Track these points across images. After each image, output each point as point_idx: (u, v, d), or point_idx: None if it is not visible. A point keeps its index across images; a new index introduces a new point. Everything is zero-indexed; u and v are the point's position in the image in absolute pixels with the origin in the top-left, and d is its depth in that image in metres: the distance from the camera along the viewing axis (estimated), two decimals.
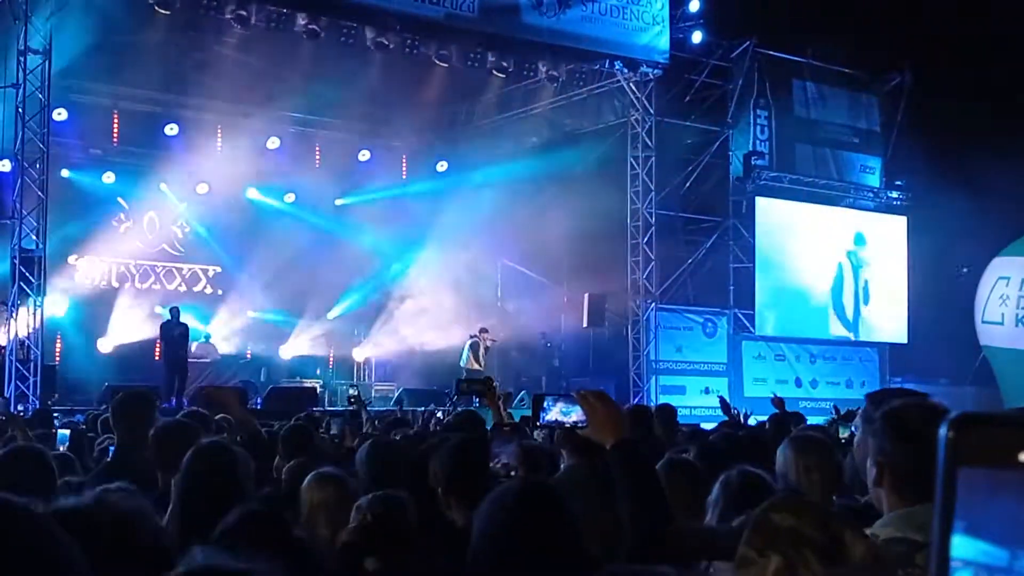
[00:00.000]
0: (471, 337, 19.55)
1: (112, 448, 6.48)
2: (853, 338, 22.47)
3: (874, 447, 2.60)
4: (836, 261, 22.43)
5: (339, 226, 22.71)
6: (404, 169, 23.88)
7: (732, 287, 21.26)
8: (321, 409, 15.68)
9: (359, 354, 22.94)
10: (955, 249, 20.19)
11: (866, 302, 22.68)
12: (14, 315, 14.96)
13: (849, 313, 22.42)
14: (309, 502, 4.08)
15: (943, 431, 0.81)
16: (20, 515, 1.20)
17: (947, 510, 0.80)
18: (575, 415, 3.44)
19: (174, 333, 17.67)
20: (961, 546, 0.79)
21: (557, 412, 3.58)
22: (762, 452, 5.40)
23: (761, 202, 21.35)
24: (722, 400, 10.16)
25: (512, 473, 4.31)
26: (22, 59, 15.01)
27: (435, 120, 23.13)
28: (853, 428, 3.75)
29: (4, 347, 15.28)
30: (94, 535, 1.85)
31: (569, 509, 2.68)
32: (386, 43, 17.57)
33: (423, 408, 16.98)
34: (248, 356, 21.62)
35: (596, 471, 2.90)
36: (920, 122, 21.59)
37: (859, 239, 22.76)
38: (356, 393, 10.47)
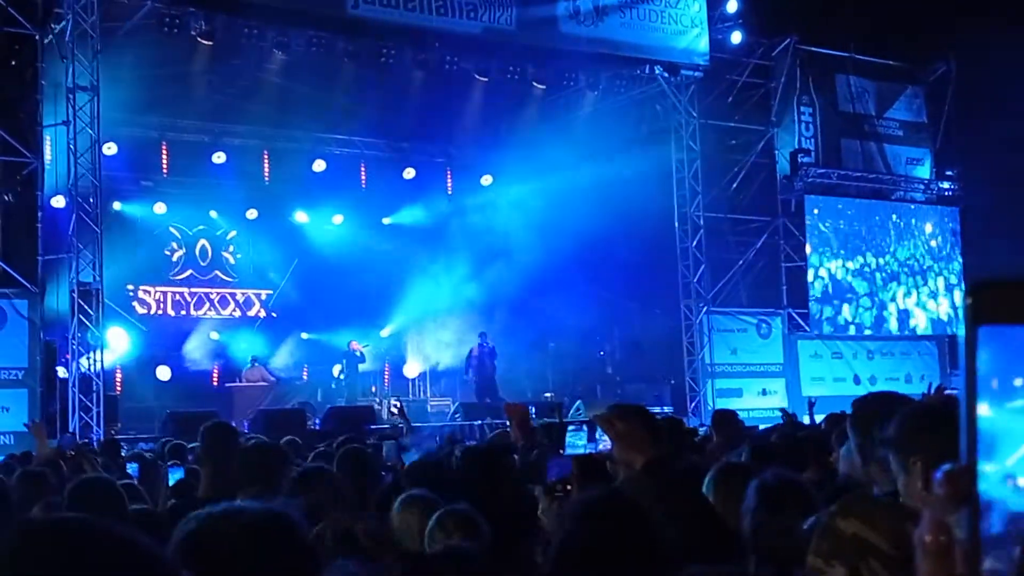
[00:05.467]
0: None
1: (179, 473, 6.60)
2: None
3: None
4: (889, 255, 22.23)
5: (388, 244, 22.84)
6: (449, 184, 23.97)
7: (784, 286, 21.10)
8: (379, 427, 15.77)
9: (412, 370, 23.03)
10: (1010, 237, 19.88)
11: (923, 295, 22.44)
12: (75, 348, 15.21)
13: (906, 306, 22.19)
14: (397, 523, 4.14)
15: (962, 298, 0.93)
16: (99, 535, 1.23)
17: (971, 367, 0.91)
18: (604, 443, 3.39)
19: None
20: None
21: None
22: (820, 451, 5.36)
23: (811, 200, 21.26)
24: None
25: (568, 487, 4.29)
26: (71, 97, 15.28)
27: (478, 134, 23.22)
28: None
29: (67, 380, 15.54)
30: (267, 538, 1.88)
31: (652, 518, 2.65)
32: (426, 61, 17.69)
33: (480, 422, 17.07)
34: (304, 377, 21.79)
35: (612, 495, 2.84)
36: (968, 111, 21.31)
37: (912, 232, 22.53)
38: (399, 405, 10.40)
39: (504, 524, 3.90)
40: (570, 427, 8.71)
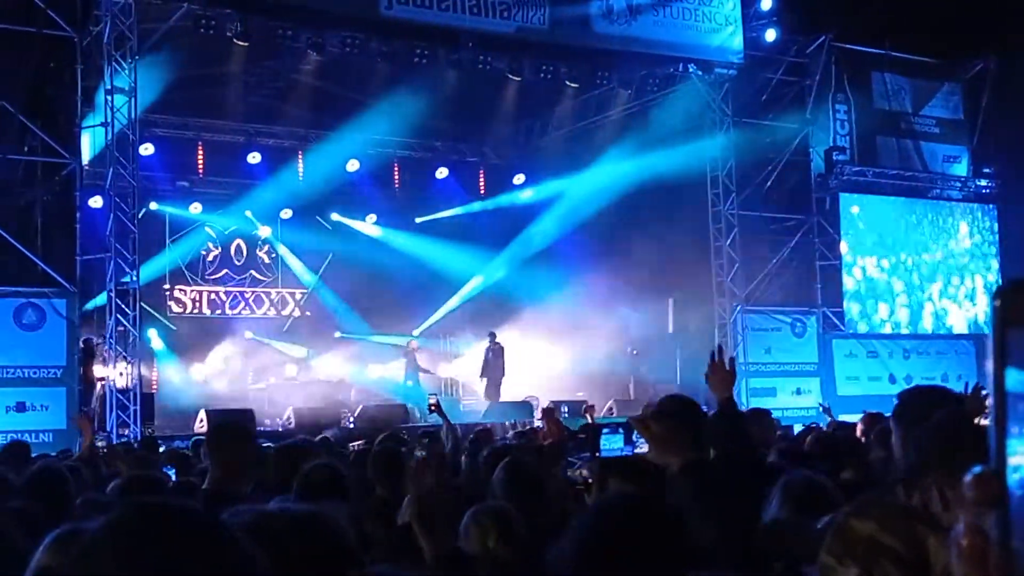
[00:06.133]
0: None
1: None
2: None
3: None
4: (926, 253, 22.07)
5: (421, 244, 22.92)
6: (482, 184, 24.01)
7: (819, 285, 20.97)
8: (412, 426, 15.83)
9: (445, 370, 23.08)
10: None
11: (959, 293, 22.25)
12: (112, 347, 15.36)
13: (943, 305, 22.02)
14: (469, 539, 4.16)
15: (991, 300, 0.93)
16: (204, 526, 1.24)
17: (1000, 371, 0.91)
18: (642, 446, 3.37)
19: None
20: (1011, 379, 0.91)
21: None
22: (856, 452, 5.33)
23: (846, 198, 21.15)
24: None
25: (589, 480, 4.30)
26: (109, 98, 15.42)
27: (511, 134, 23.26)
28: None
29: (104, 378, 15.70)
30: (283, 538, 1.89)
31: (676, 522, 2.64)
32: (459, 60, 17.73)
33: (512, 420, 17.09)
34: (338, 377, 21.90)
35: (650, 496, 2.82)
36: (1006, 107, 21.08)
37: (948, 230, 22.34)
38: (436, 401, 10.32)
39: (547, 522, 3.91)
40: (604, 430, 8.69)
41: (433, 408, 9.85)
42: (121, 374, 15.33)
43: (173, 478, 6.96)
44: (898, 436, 3.30)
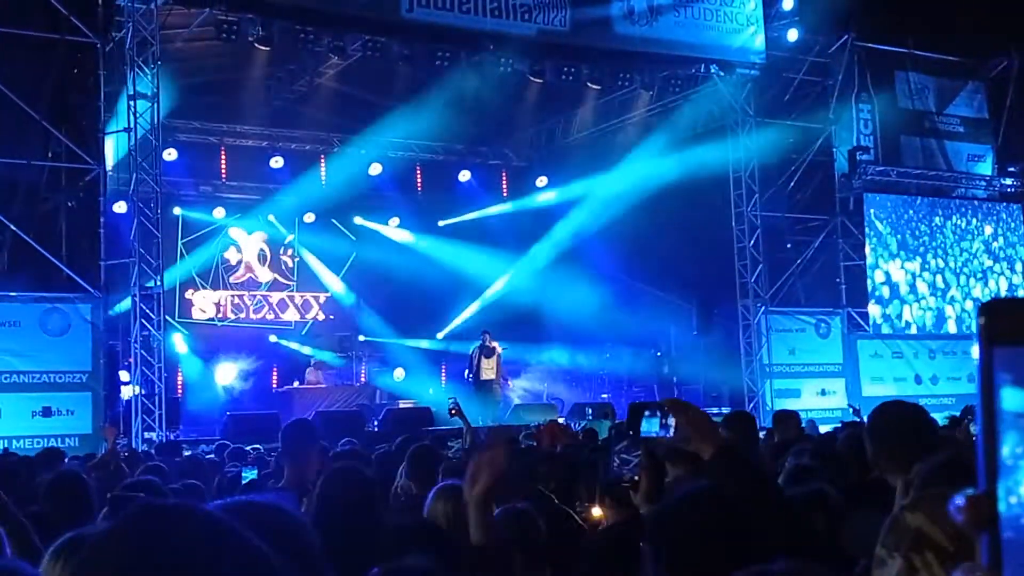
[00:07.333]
0: None
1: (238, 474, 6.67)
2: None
3: None
4: (950, 254, 21.91)
5: (444, 247, 22.95)
6: (505, 187, 24.03)
7: (844, 286, 20.86)
8: (436, 429, 15.82)
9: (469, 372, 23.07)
10: None
11: (984, 295, 22.06)
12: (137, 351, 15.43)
13: (968, 307, 21.85)
14: (432, 512, 4.15)
15: (977, 318, 0.91)
16: (204, 521, 1.23)
17: (988, 388, 0.88)
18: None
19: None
20: (1009, 398, 0.88)
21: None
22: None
23: (870, 198, 21.03)
24: None
25: (635, 478, 4.25)
26: (132, 104, 15.51)
27: (533, 136, 23.28)
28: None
29: (129, 383, 15.77)
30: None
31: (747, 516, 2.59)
32: (480, 63, 17.73)
33: (536, 422, 17.06)
34: (363, 380, 21.95)
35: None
36: None
37: (973, 230, 22.17)
38: (455, 403, 10.31)
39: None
40: (646, 412, 8.68)
41: (453, 412, 9.83)
42: (146, 379, 15.40)
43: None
44: (869, 452, 3.32)
